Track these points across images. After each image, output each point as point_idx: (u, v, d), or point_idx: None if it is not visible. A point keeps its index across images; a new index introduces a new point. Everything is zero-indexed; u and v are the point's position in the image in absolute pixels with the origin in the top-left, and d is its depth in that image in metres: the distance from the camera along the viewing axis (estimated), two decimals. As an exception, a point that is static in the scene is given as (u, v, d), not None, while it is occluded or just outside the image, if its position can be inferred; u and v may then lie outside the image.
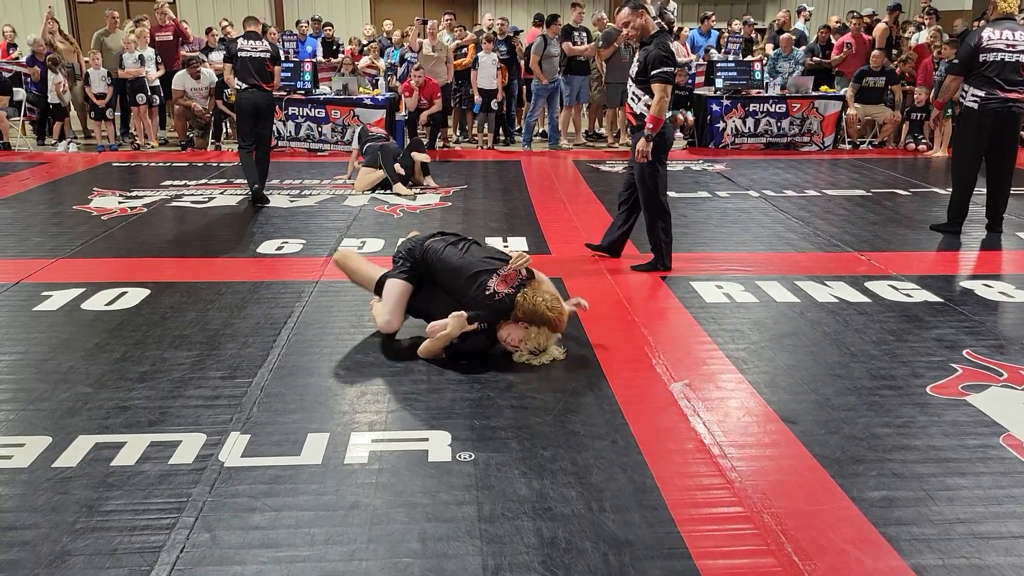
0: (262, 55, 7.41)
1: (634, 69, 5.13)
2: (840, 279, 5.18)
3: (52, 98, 10.80)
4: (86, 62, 10.96)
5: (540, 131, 11.84)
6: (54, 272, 5.31)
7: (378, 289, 4.18)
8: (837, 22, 12.32)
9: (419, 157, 8.28)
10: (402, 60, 11.57)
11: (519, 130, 11.90)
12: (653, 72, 4.96)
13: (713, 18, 13.45)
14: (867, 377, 3.72)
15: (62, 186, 8.40)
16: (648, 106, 5.05)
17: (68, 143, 10.80)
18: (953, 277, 5.36)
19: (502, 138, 11.60)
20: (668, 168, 5.35)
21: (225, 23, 12.27)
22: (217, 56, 11.39)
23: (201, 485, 2.79)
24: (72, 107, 11.31)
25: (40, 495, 2.73)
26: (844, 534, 2.56)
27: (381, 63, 12.01)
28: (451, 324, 3.75)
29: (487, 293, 3.82)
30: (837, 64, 11.58)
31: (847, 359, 3.93)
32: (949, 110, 10.38)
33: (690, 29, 13.16)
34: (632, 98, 5.20)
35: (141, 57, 10.80)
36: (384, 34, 13.08)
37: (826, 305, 4.71)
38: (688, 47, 12.55)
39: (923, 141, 11.05)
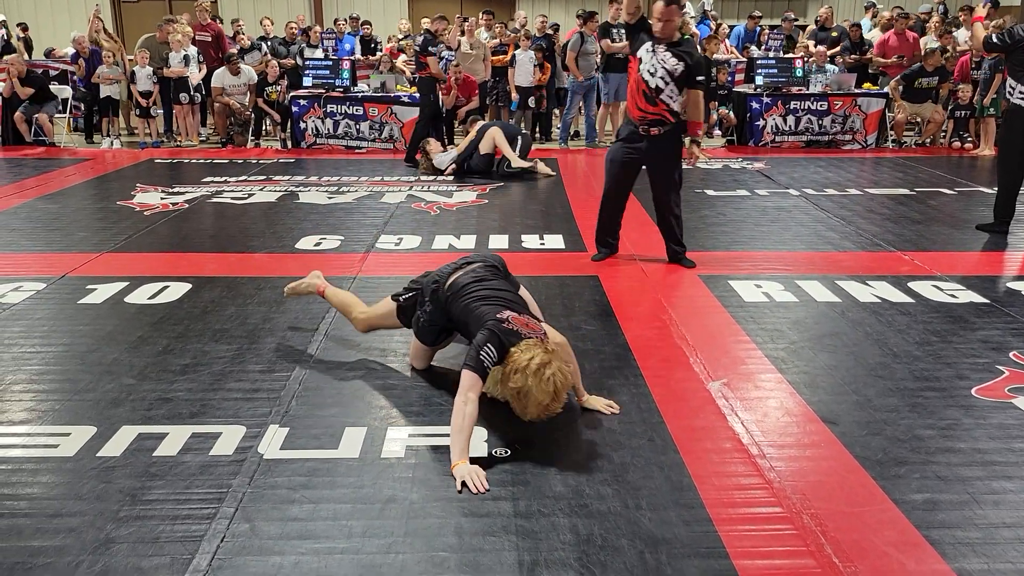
0: (417, 49, 9.45)
1: (678, 68, 5.02)
2: (882, 279, 5.10)
3: (103, 91, 10.97)
4: (131, 60, 11.15)
5: (576, 130, 11.80)
6: (98, 266, 5.41)
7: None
8: (888, 19, 12.03)
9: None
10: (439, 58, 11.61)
11: (557, 128, 11.87)
12: (699, 78, 5.09)
13: (758, 15, 13.33)
14: (910, 378, 3.66)
15: (106, 182, 8.56)
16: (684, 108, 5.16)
17: (112, 140, 11.00)
18: (999, 278, 5.25)
19: (538, 136, 11.59)
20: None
21: (267, 21, 12.43)
22: (254, 56, 11.54)
23: (241, 476, 2.83)
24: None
25: (85, 483, 2.79)
26: (886, 536, 2.52)
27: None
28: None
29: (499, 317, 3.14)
30: (882, 66, 11.34)
31: (889, 360, 3.86)
32: (993, 108, 10.18)
33: (730, 27, 13.04)
34: (669, 96, 5.12)
35: (186, 57, 10.96)
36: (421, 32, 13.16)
37: (868, 305, 4.63)
38: (727, 44, 12.44)
39: (969, 139, 10.83)
